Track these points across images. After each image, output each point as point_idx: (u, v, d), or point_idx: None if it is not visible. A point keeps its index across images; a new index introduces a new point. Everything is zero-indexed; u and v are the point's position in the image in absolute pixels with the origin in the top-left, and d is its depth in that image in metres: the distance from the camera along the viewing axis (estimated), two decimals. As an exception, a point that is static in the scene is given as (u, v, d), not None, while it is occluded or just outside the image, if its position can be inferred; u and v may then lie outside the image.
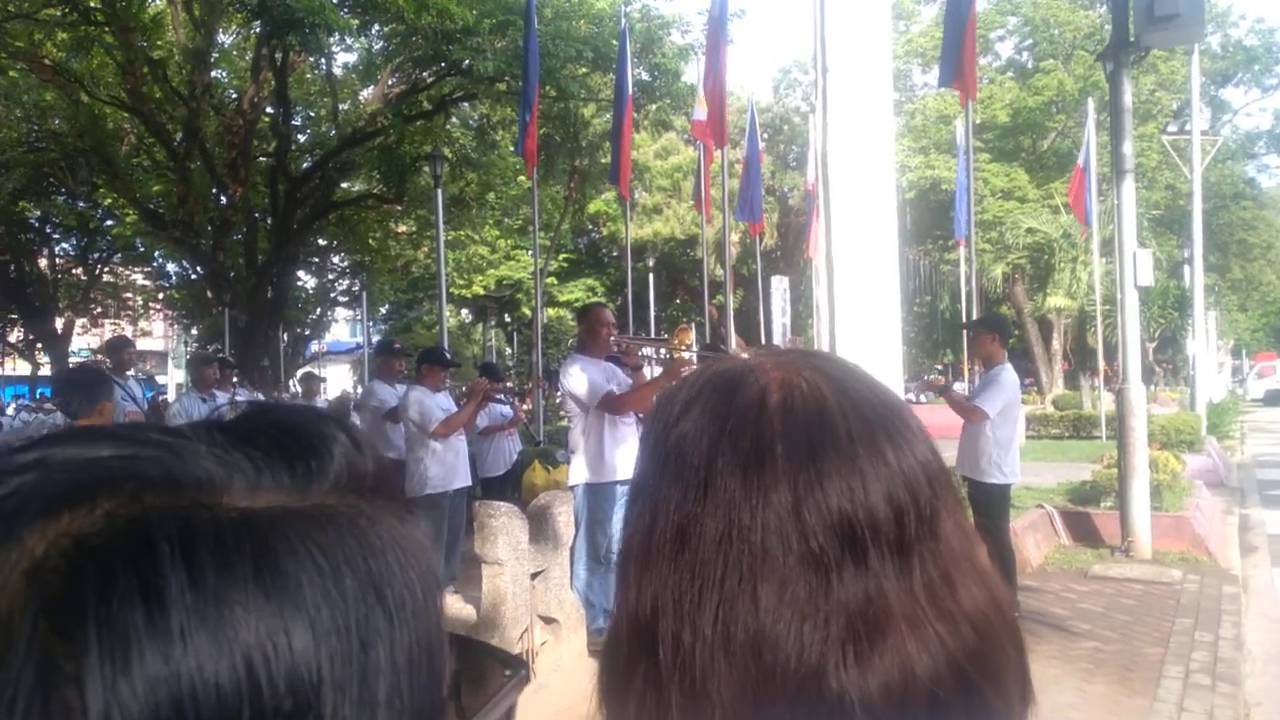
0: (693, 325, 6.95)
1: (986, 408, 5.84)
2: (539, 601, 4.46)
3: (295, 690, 0.32)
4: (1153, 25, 7.62)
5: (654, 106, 16.64)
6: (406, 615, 0.35)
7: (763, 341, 17.01)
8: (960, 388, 7.19)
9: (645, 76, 15.75)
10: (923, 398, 30.68)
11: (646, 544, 0.56)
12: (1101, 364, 19.37)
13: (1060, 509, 8.80)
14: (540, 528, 4.51)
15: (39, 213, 23.46)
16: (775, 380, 0.57)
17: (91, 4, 13.48)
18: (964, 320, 13.34)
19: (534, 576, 4.41)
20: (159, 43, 16.89)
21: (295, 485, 0.36)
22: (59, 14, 13.93)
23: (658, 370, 6.45)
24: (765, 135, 27.22)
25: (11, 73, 16.05)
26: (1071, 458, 13.79)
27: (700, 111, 10.92)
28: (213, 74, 17.80)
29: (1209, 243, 23.10)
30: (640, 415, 5.81)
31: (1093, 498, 8.94)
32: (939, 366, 38.26)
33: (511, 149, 18.71)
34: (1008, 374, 6.00)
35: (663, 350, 6.54)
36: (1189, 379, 21.12)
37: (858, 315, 3.33)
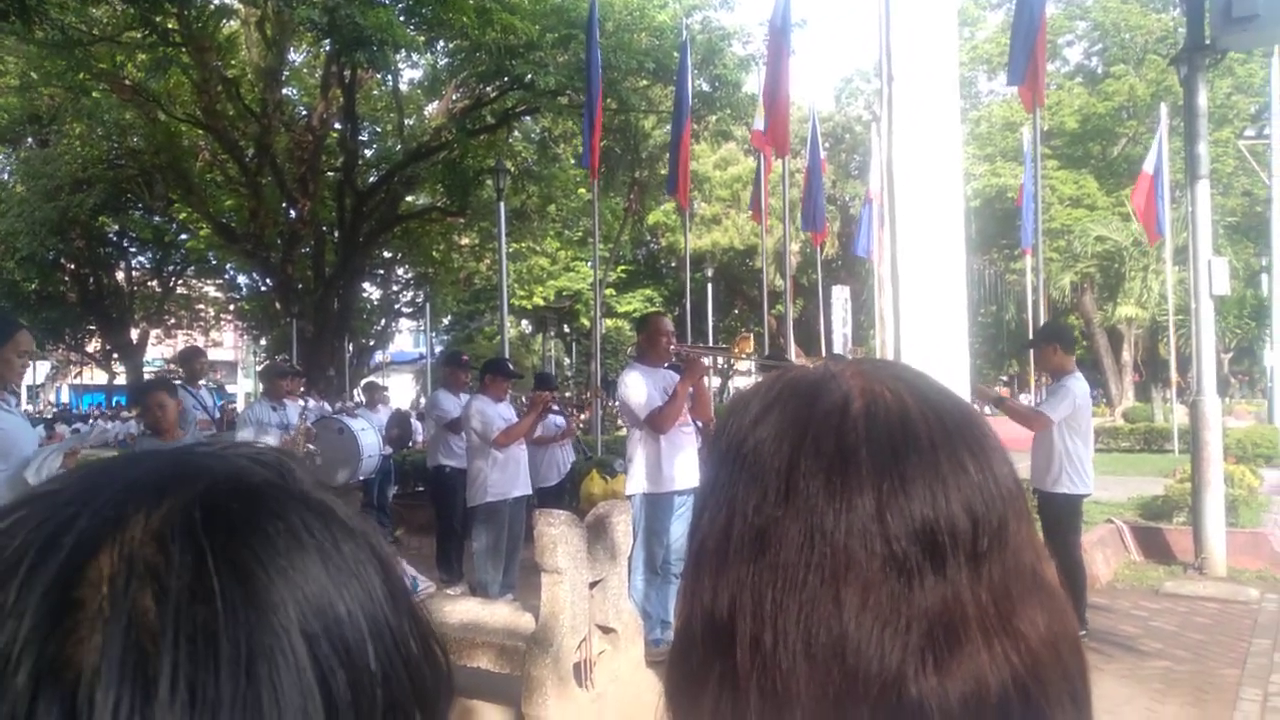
0: (752, 334, 6.91)
1: (1050, 413, 5.74)
2: (597, 611, 4.47)
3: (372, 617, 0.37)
4: (1230, 27, 7.40)
5: (714, 117, 16.65)
6: (380, 546, 0.42)
7: (823, 351, 16.85)
8: (1026, 399, 6.99)
9: (706, 87, 15.77)
10: (987, 409, 30.11)
11: (723, 546, 0.56)
12: (1174, 375, 18.82)
13: (1131, 524, 8.56)
14: (599, 537, 4.52)
15: (117, 227, 24.29)
16: (856, 387, 0.57)
17: (170, 25, 13.95)
18: (1030, 332, 13.07)
19: (592, 586, 4.42)
20: (232, 62, 17.42)
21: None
22: (139, 36, 14.44)
23: (717, 381, 6.42)
24: (827, 144, 26.99)
25: (95, 93, 16.70)
26: (1142, 471, 13.41)
27: (760, 121, 10.91)
28: (284, 91, 18.30)
29: (1288, 250, 22.30)
30: (700, 423, 5.80)
31: (1165, 513, 8.68)
32: (1004, 377, 37.52)
33: (573, 162, 18.91)
34: (1076, 383, 5.87)
35: (721, 359, 6.52)
36: (1267, 391, 20.43)
37: (923, 325, 3.29)
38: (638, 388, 5.44)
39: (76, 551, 0.33)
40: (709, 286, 25.32)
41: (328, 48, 14.73)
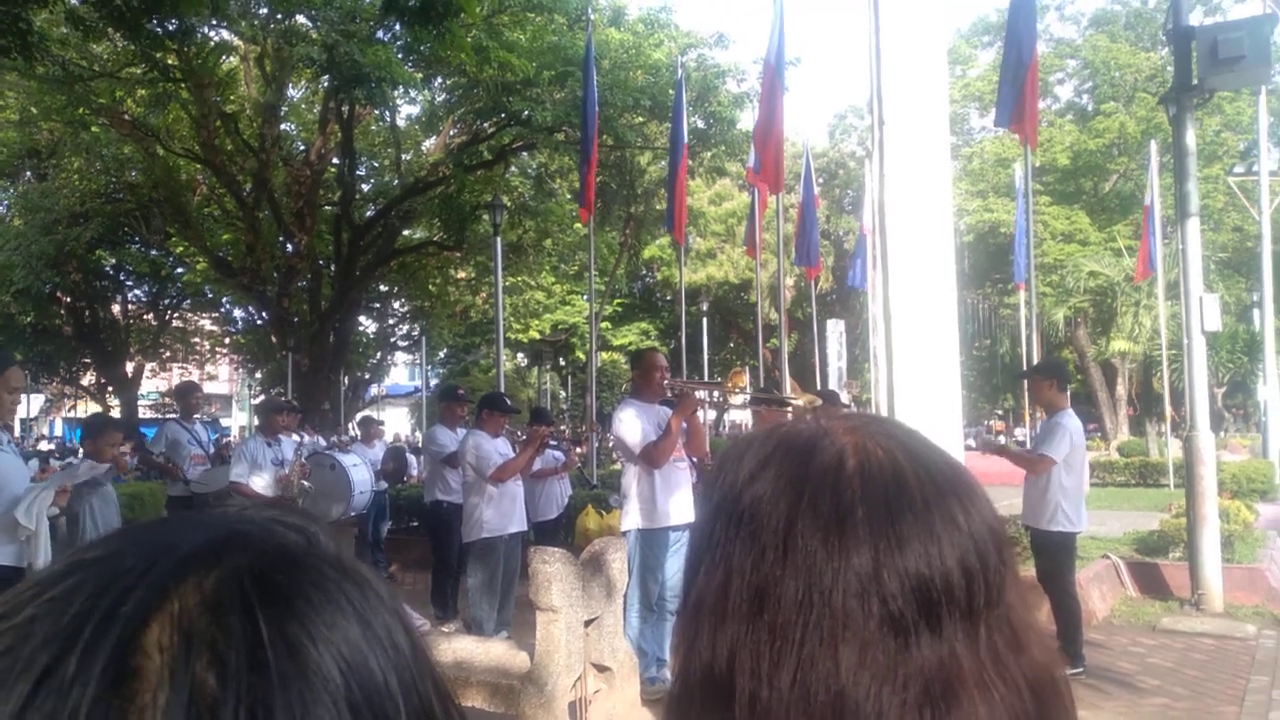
0: (746, 368, 6.94)
1: (1052, 454, 5.75)
2: (592, 649, 4.44)
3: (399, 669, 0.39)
4: (1217, 68, 7.51)
5: (709, 154, 16.79)
6: (404, 611, 0.43)
7: (818, 385, 16.85)
8: (1021, 433, 6.98)
9: (701, 124, 15.92)
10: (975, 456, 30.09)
11: (721, 603, 0.57)
12: (1168, 410, 18.84)
13: (1127, 559, 8.54)
14: (594, 574, 4.50)
15: (114, 261, 24.29)
16: (850, 444, 0.58)
17: (170, 62, 14.05)
18: (1024, 365, 13.11)
19: (588, 624, 4.40)
20: (231, 98, 17.54)
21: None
22: (140, 72, 14.56)
23: (712, 414, 6.43)
24: (820, 180, 27.18)
25: (94, 128, 16.80)
26: (1138, 506, 13.39)
27: (752, 161, 10.99)
28: (282, 127, 18.41)
29: (1280, 285, 22.46)
30: (694, 459, 5.79)
31: (1160, 548, 8.66)
32: (998, 411, 37.51)
33: (569, 197, 19.02)
34: (1070, 419, 5.89)
35: (716, 394, 6.52)
36: (1261, 425, 20.43)
37: (916, 361, 3.31)
38: (632, 424, 5.45)
39: (133, 621, 0.34)
40: (704, 320, 25.36)
41: (326, 84, 14.85)
